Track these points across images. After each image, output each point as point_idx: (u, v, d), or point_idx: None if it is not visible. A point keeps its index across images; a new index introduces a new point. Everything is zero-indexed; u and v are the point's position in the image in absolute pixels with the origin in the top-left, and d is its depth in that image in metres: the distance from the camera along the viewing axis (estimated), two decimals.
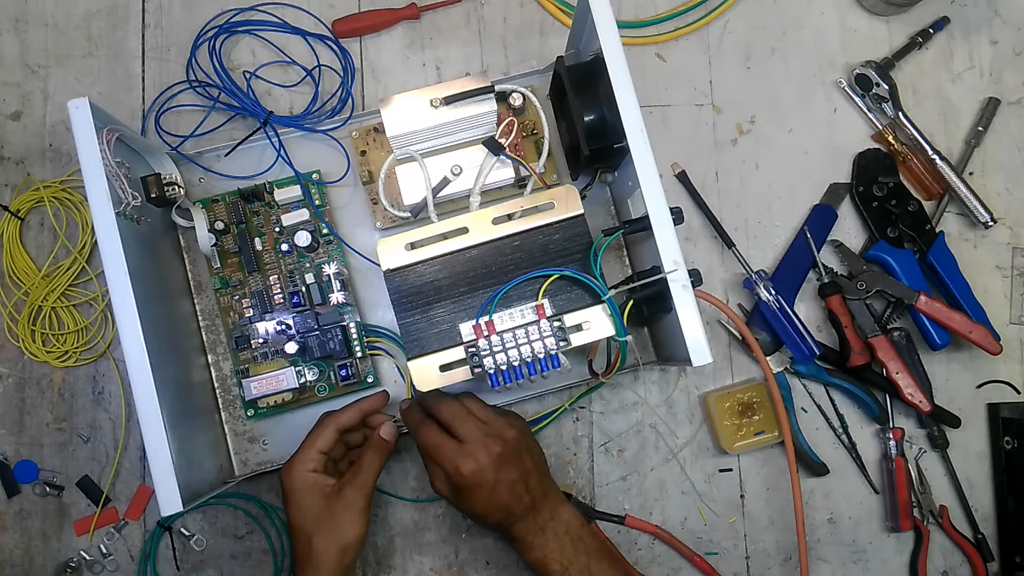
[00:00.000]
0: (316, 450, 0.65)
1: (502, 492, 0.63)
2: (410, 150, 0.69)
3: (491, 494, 0.63)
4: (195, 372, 0.72)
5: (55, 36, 0.80)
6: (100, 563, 0.75)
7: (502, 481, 0.63)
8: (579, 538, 0.65)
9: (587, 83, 0.67)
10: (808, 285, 0.79)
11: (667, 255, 0.59)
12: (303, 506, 0.64)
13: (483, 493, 0.63)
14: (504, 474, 0.63)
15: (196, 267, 0.75)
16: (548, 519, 0.65)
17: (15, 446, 0.75)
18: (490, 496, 0.63)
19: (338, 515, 0.63)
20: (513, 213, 0.64)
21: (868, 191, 0.79)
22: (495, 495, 0.63)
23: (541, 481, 0.66)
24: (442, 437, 0.64)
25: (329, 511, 0.63)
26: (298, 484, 0.64)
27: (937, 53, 0.83)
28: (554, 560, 0.64)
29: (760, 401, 0.76)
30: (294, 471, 0.64)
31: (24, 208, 0.77)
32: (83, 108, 0.59)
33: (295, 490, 0.64)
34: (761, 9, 0.82)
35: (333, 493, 0.64)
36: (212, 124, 0.77)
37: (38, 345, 0.75)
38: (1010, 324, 0.81)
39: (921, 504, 0.78)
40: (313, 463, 0.65)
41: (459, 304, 0.62)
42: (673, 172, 0.79)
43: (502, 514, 0.64)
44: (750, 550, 0.77)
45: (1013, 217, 0.82)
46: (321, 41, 0.79)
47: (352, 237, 0.76)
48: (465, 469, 0.62)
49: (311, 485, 0.64)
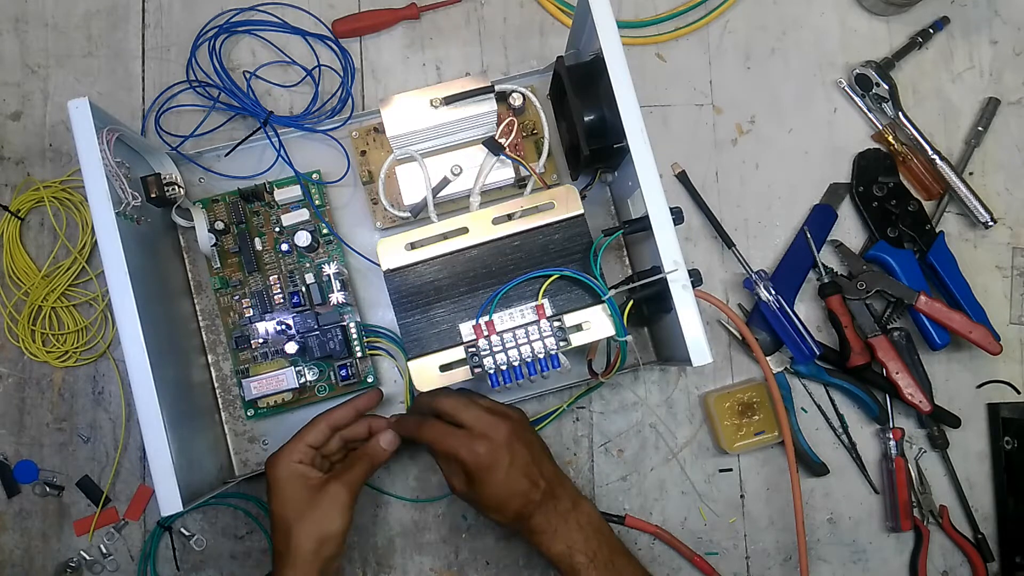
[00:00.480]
0: (305, 443, 0.65)
1: (517, 474, 0.62)
2: (410, 150, 0.69)
3: (507, 476, 0.62)
4: (195, 372, 0.72)
5: (55, 36, 0.80)
6: (100, 563, 0.75)
7: (516, 461, 0.62)
8: (600, 530, 0.64)
9: (587, 83, 0.67)
10: (808, 285, 0.79)
11: (667, 255, 0.59)
12: (285, 494, 0.63)
13: (499, 476, 0.62)
14: (518, 453, 0.62)
15: (196, 267, 0.75)
16: (570, 508, 0.64)
17: (15, 446, 0.75)
18: (507, 478, 0.62)
19: (320, 506, 0.62)
20: (513, 213, 0.64)
21: (868, 191, 0.79)
22: (511, 477, 0.62)
23: (554, 469, 0.66)
24: (449, 428, 0.63)
25: (311, 502, 0.62)
26: (283, 473, 0.63)
27: (937, 53, 0.83)
28: (579, 552, 0.63)
29: (760, 401, 0.76)
30: (280, 460, 0.64)
31: (24, 208, 0.77)
32: (83, 108, 0.59)
33: (279, 479, 0.63)
34: (761, 9, 0.82)
35: (318, 485, 0.63)
36: (212, 124, 0.77)
37: (38, 345, 0.75)
38: (1010, 324, 0.81)
39: (921, 504, 0.78)
40: (300, 455, 0.64)
41: (459, 304, 0.62)
42: (673, 172, 0.79)
43: (521, 501, 0.63)
44: (750, 550, 0.77)
45: (1013, 217, 0.82)
46: (321, 41, 0.79)
47: (352, 237, 0.76)
48: (480, 449, 0.61)
49: (296, 475, 0.63)
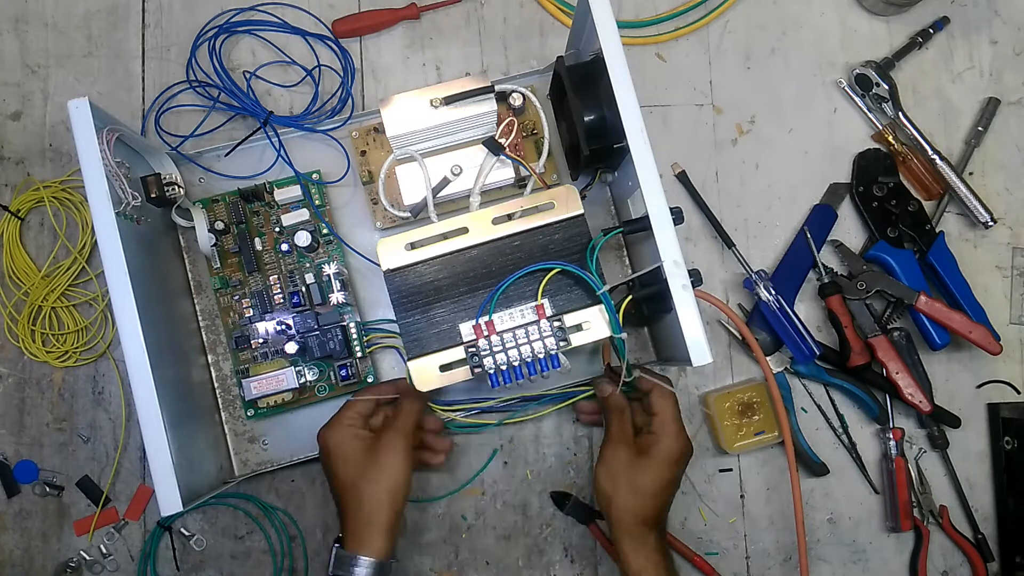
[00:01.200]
0: (355, 411, 0.66)
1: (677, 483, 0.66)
2: (410, 150, 0.69)
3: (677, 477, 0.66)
4: (195, 372, 0.72)
5: (55, 36, 0.80)
6: (100, 563, 0.75)
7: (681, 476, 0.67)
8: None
9: (587, 83, 0.67)
10: (808, 285, 0.79)
11: (667, 255, 0.59)
12: (346, 456, 0.64)
13: (677, 471, 0.65)
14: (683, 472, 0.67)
15: (196, 267, 0.75)
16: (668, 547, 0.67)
17: (15, 446, 0.75)
18: (675, 478, 0.66)
19: (381, 458, 0.63)
20: (513, 213, 0.64)
21: (868, 191, 0.79)
22: (676, 482, 0.66)
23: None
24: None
25: (372, 456, 0.63)
26: (339, 437, 0.64)
27: (937, 53, 0.83)
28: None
29: (760, 401, 0.76)
30: (333, 428, 0.65)
31: (24, 208, 0.77)
32: (83, 108, 0.59)
33: (336, 444, 0.64)
34: (761, 9, 0.82)
35: (373, 441, 0.64)
36: (212, 124, 0.77)
37: (38, 345, 0.75)
38: (1010, 324, 0.81)
39: (921, 504, 0.78)
40: (351, 420, 0.65)
41: (459, 304, 0.62)
42: (673, 172, 0.79)
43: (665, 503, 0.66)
44: (750, 550, 0.77)
45: (1013, 217, 0.82)
46: (321, 41, 0.79)
47: (352, 237, 0.76)
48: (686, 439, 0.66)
49: (351, 437, 0.64)
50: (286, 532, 0.75)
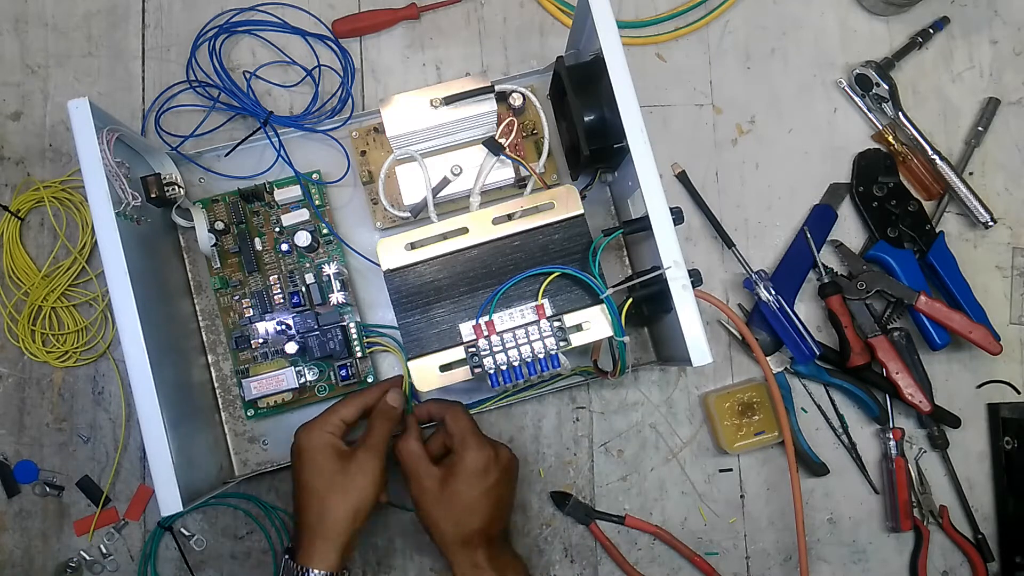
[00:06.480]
0: (339, 417, 0.65)
1: (496, 497, 0.64)
2: (410, 150, 0.69)
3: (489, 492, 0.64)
4: (195, 372, 0.72)
5: (55, 36, 0.80)
6: (100, 563, 0.75)
7: (501, 488, 0.65)
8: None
9: (587, 83, 0.67)
10: (808, 285, 0.79)
11: (667, 255, 0.59)
12: (318, 464, 0.63)
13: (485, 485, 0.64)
14: (505, 483, 0.66)
15: (196, 267, 0.75)
16: (511, 559, 0.66)
17: (15, 446, 0.75)
18: (487, 493, 0.64)
19: (353, 476, 0.62)
20: (513, 213, 0.64)
21: (868, 191, 0.79)
22: (491, 495, 0.64)
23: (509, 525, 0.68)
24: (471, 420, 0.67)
25: (344, 471, 0.63)
26: (315, 442, 0.63)
27: (937, 53, 0.83)
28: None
29: (760, 401, 0.76)
30: (312, 431, 0.64)
31: (24, 208, 0.77)
32: (83, 108, 0.59)
33: (311, 448, 0.63)
34: (761, 9, 0.82)
35: (348, 456, 0.63)
36: (212, 124, 0.77)
37: (38, 345, 0.75)
38: (1010, 324, 0.81)
39: (921, 504, 0.78)
40: (332, 427, 0.64)
41: (459, 304, 0.62)
42: (673, 172, 0.79)
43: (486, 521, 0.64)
44: (750, 550, 0.77)
45: (1013, 217, 0.82)
46: (321, 41, 0.79)
47: (352, 237, 0.76)
48: (486, 452, 0.64)
49: (327, 445, 0.63)
50: (286, 532, 0.75)
